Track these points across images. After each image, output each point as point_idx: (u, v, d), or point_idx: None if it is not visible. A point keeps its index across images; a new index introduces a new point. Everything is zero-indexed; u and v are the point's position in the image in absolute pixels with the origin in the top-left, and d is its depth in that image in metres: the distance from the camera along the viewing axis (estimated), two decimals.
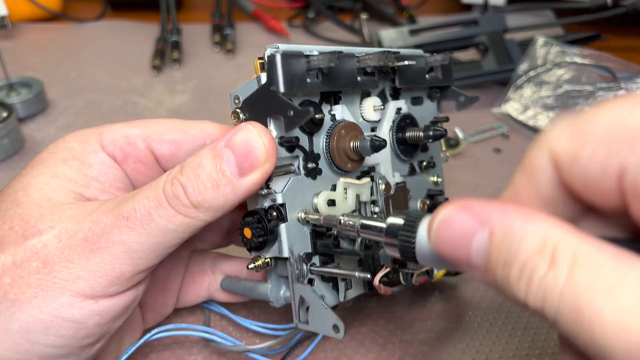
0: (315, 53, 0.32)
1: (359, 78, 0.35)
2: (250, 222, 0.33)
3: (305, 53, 0.32)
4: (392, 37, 0.73)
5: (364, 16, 0.98)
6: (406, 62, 0.37)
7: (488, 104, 0.73)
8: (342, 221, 0.32)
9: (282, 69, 0.30)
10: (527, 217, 0.20)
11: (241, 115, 0.32)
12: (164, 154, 0.37)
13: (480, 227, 0.21)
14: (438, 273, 0.40)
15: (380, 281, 0.34)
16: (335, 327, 0.32)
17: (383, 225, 0.28)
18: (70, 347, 0.30)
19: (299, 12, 1.08)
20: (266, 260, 0.34)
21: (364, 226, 0.31)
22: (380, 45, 0.74)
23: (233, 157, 0.30)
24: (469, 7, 1.06)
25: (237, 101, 0.33)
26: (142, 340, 0.35)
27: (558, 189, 0.22)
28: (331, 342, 0.41)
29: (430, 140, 0.39)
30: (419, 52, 0.41)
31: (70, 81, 0.81)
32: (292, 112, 0.30)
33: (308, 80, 0.32)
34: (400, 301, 0.45)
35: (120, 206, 0.30)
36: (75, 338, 0.30)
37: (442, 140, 0.45)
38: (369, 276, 0.32)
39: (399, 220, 0.27)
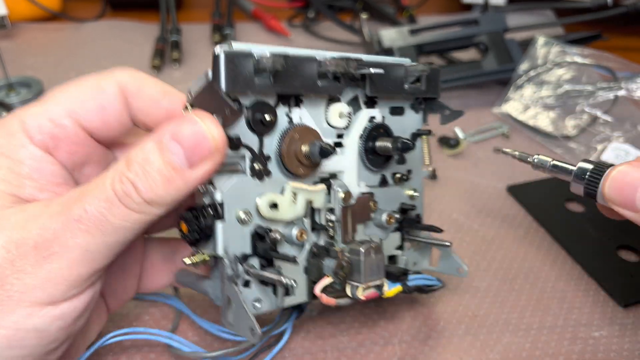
0: (267, 54, 0.32)
1: (319, 83, 0.34)
2: (187, 218, 0.33)
3: (256, 53, 0.31)
4: (392, 36, 0.73)
5: (364, 16, 0.98)
6: (372, 70, 0.35)
7: (488, 104, 0.73)
8: (535, 160, 0.37)
9: (225, 68, 0.30)
10: None
11: (190, 110, 0.33)
12: (95, 127, 0.34)
13: None
14: (389, 291, 0.38)
15: (323, 291, 0.35)
16: (252, 331, 0.31)
17: (573, 168, 0.34)
18: (36, 355, 0.29)
19: (299, 12, 1.08)
20: (204, 257, 0.33)
21: (554, 166, 0.36)
22: (380, 45, 0.73)
23: (181, 150, 0.29)
24: (469, 7, 1.06)
25: (190, 95, 0.33)
26: (97, 345, 0.35)
27: None
28: (331, 342, 0.41)
29: (396, 153, 0.38)
30: (401, 60, 0.40)
31: (69, 81, 0.81)
32: (228, 111, 0.30)
33: (257, 81, 0.32)
34: (401, 302, 0.44)
35: (69, 208, 0.29)
36: (40, 346, 0.29)
37: (425, 153, 0.44)
38: (293, 283, 0.32)
39: (589, 165, 0.33)
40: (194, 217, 0.33)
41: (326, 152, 0.34)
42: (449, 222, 0.53)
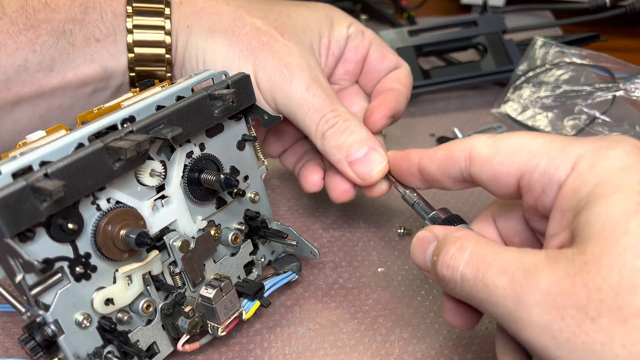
0: (39, 175, 0.28)
1: (116, 166, 0.31)
2: (25, 340, 0.31)
3: (29, 180, 0.27)
4: (391, 38, 0.74)
5: (363, 17, 0.98)
6: (168, 136, 0.33)
7: (487, 105, 0.74)
8: (405, 194, 0.38)
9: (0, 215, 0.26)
10: (453, 229, 0.32)
11: None
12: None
13: (434, 240, 0.32)
14: (248, 312, 0.39)
15: (183, 344, 0.37)
16: None
17: (426, 216, 0.37)
18: None
19: None
20: None
21: (419, 206, 0.38)
22: None
23: None
24: (468, 8, 1.06)
25: None
26: None
27: (460, 173, 0.33)
28: (330, 339, 0.41)
29: (222, 190, 0.37)
30: (205, 75, 0.38)
31: None
32: (21, 260, 0.28)
33: (43, 206, 0.28)
34: (399, 299, 0.45)
35: None
36: None
37: (258, 151, 0.43)
38: (156, 349, 0.36)
39: (431, 222, 0.37)
40: (30, 337, 0.31)
41: (143, 242, 0.32)
42: None
